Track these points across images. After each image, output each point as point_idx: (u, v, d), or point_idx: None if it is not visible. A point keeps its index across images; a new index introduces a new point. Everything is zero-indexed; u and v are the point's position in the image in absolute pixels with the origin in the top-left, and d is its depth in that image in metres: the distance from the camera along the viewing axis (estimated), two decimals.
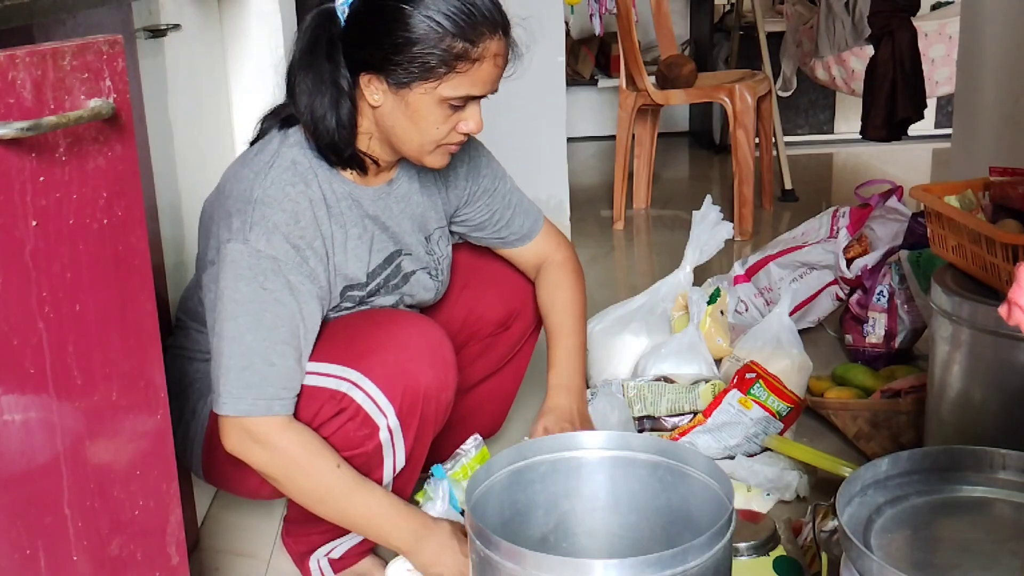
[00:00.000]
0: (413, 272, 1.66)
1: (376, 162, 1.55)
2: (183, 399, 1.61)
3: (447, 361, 1.52)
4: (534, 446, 1.41)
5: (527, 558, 1.17)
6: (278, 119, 1.55)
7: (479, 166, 1.75)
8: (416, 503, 1.64)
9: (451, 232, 1.79)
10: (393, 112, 1.47)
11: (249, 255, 1.42)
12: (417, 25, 1.42)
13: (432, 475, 1.67)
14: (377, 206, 1.58)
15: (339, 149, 1.50)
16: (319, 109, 1.47)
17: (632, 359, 2.25)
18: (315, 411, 1.47)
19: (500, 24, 1.47)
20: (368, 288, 1.59)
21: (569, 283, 1.83)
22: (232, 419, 1.43)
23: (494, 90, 1.50)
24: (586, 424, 1.77)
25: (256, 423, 1.43)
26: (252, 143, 1.58)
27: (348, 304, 1.58)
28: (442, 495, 1.63)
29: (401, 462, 1.52)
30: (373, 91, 1.46)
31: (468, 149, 1.72)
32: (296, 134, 1.52)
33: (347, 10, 1.45)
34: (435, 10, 1.42)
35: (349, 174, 1.55)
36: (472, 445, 1.70)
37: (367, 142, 1.52)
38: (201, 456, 1.61)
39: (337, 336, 1.51)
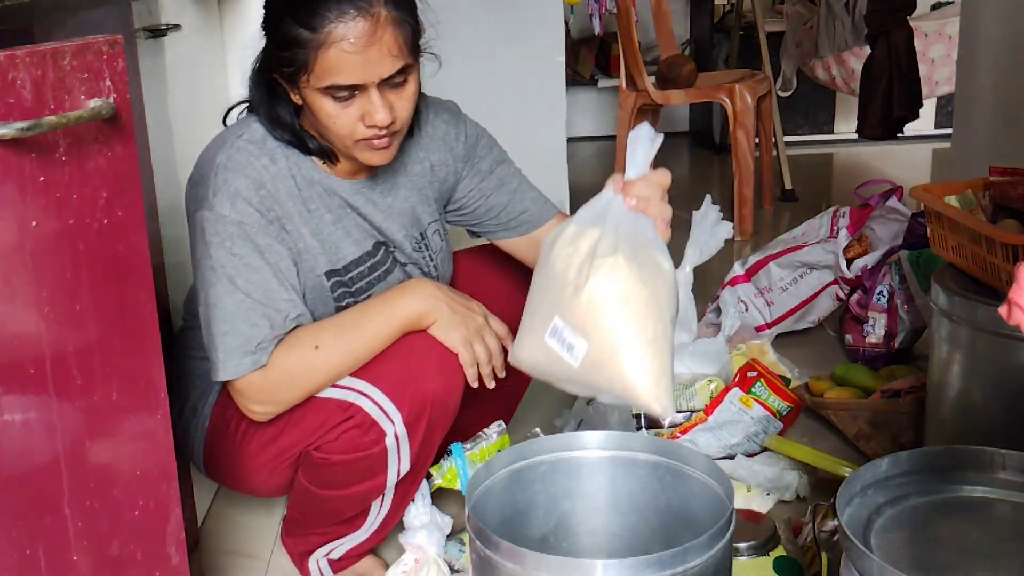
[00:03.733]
0: (405, 264, 1.66)
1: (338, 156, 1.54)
2: (184, 397, 1.61)
3: (454, 367, 1.51)
4: (534, 446, 1.41)
5: (527, 558, 1.17)
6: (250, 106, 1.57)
7: (476, 147, 1.70)
8: (430, 475, 1.66)
9: (456, 222, 1.78)
10: (307, 110, 1.46)
11: (215, 221, 1.43)
12: (271, 18, 1.43)
13: (450, 451, 1.67)
14: (357, 199, 1.58)
15: (301, 145, 1.51)
16: (268, 113, 1.50)
17: None
18: (322, 420, 1.48)
19: (356, 6, 1.37)
20: (350, 275, 1.58)
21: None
22: (232, 383, 1.46)
23: (379, 76, 1.40)
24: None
25: (245, 383, 1.45)
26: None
27: (341, 296, 1.57)
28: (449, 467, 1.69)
29: (406, 467, 1.52)
30: (288, 91, 1.47)
31: (465, 130, 1.69)
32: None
33: None
34: (283, 1, 1.40)
35: (324, 164, 1.54)
36: (495, 430, 1.72)
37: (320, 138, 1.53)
38: (203, 453, 1.61)
39: None
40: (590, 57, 5.10)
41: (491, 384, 1.55)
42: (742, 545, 1.53)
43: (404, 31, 1.41)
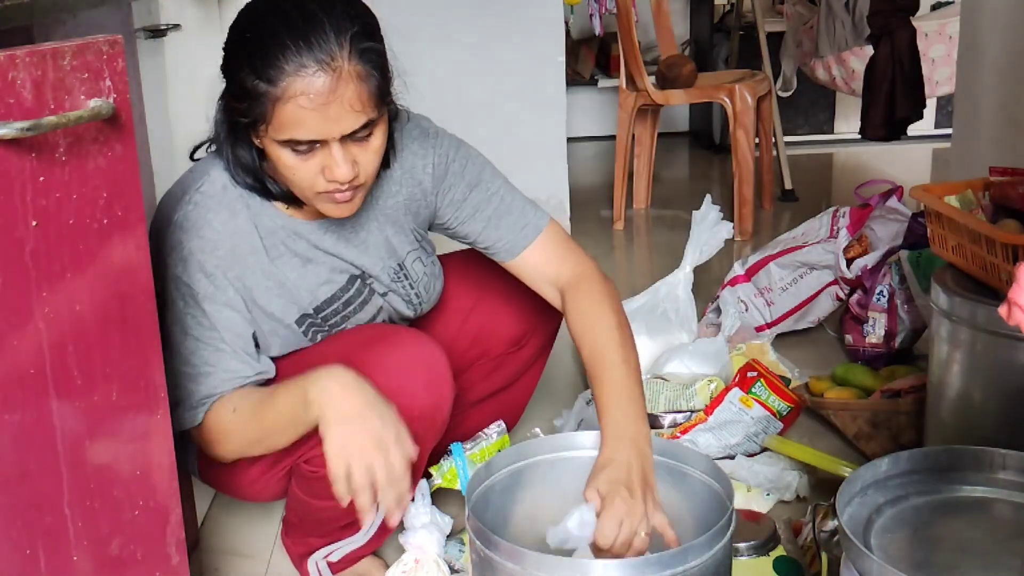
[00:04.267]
0: (384, 294, 1.63)
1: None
2: None
3: (443, 379, 1.50)
4: (534, 446, 1.41)
5: (527, 558, 1.17)
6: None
7: (446, 175, 1.60)
8: (429, 475, 1.67)
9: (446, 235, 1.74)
10: (268, 157, 1.39)
11: (169, 280, 1.42)
12: (229, 66, 1.35)
13: (450, 451, 1.67)
14: (325, 239, 1.52)
15: (263, 190, 1.46)
16: (230, 155, 1.44)
17: None
18: (309, 433, 1.47)
19: (316, 59, 1.28)
20: (322, 315, 1.56)
21: (594, 306, 1.54)
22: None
23: (341, 132, 1.32)
24: (648, 488, 1.36)
25: (191, 433, 1.47)
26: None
27: (314, 335, 1.56)
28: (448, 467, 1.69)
29: None
30: (248, 134, 1.39)
31: (434, 159, 1.58)
32: (221, 167, 1.47)
33: None
34: (241, 48, 1.33)
35: (288, 208, 1.49)
36: (495, 430, 1.73)
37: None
38: (197, 459, 1.61)
39: (333, 355, 1.48)
40: (590, 57, 5.10)
41: (392, 522, 1.38)
42: (742, 545, 1.53)
43: (369, 85, 1.32)
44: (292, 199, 1.46)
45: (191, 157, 1.54)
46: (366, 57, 1.31)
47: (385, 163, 1.48)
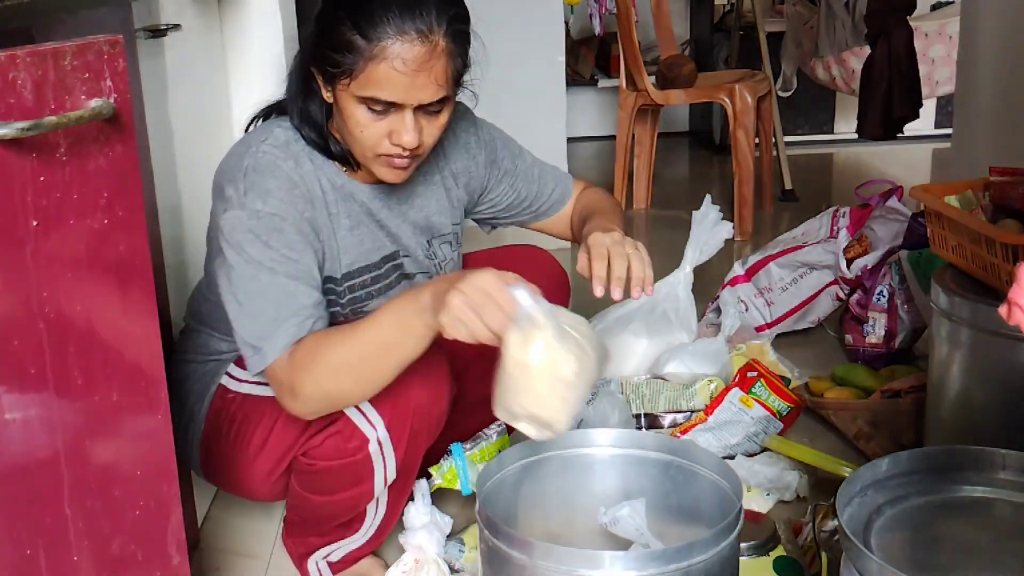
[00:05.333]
0: (413, 275, 1.65)
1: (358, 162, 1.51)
2: (181, 401, 1.61)
3: (440, 375, 1.50)
4: (546, 442, 1.41)
5: (536, 548, 1.17)
6: (272, 112, 1.56)
7: (495, 149, 1.73)
8: (429, 475, 1.66)
9: (486, 219, 1.81)
10: (337, 112, 1.45)
11: (248, 217, 1.41)
12: (327, 15, 1.41)
13: (450, 451, 1.68)
14: (375, 204, 1.57)
15: (325, 147, 1.50)
16: (300, 108, 1.49)
17: (632, 359, 2.25)
18: (306, 423, 1.47)
19: (417, 28, 1.36)
20: (348, 284, 1.56)
21: (596, 193, 1.81)
22: (274, 371, 1.39)
23: (419, 101, 1.39)
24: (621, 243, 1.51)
25: (286, 366, 1.38)
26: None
27: (333, 303, 1.55)
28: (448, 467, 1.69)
29: (392, 474, 1.51)
30: (321, 87, 1.45)
31: (482, 135, 1.71)
32: (287, 123, 1.52)
33: None
34: (346, 1, 1.39)
35: (345, 169, 1.53)
36: (495, 430, 1.73)
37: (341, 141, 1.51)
38: (199, 457, 1.61)
39: None
40: (590, 57, 5.10)
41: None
42: (742, 545, 1.53)
43: (454, 64, 1.41)
44: (349, 160, 1.51)
45: (246, 129, 1.58)
46: (458, 39, 1.41)
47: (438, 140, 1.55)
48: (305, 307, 1.41)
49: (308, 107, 1.49)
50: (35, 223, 0.92)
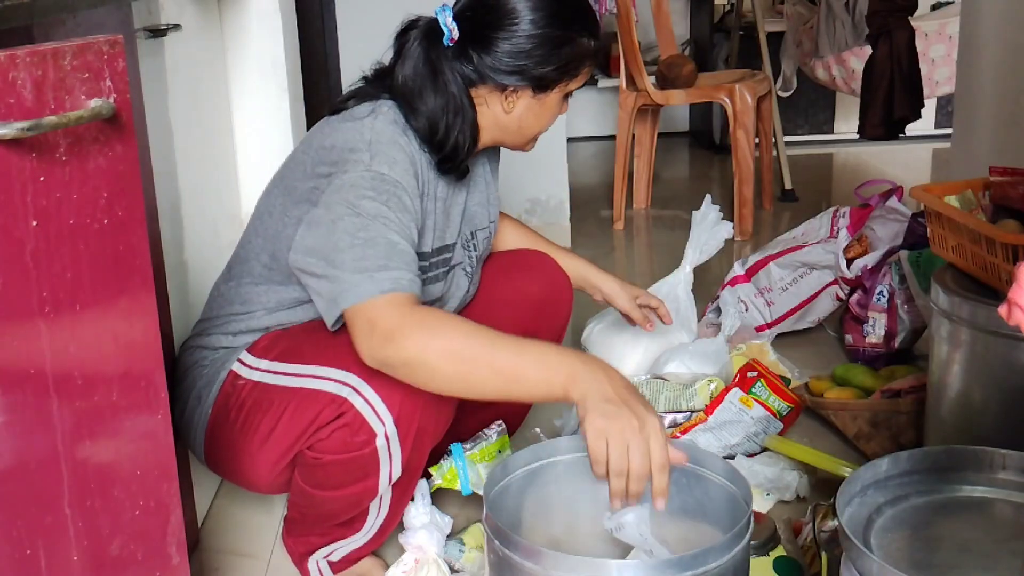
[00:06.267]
0: (456, 266, 1.71)
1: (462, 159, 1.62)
2: (190, 385, 1.61)
3: None
4: (551, 447, 1.41)
5: (546, 557, 1.17)
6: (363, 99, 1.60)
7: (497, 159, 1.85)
8: (429, 475, 1.66)
9: None
10: (525, 113, 1.60)
11: (372, 178, 1.45)
12: (559, 36, 1.55)
13: (450, 451, 1.68)
14: (445, 192, 1.65)
15: (429, 135, 1.56)
16: (446, 126, 1.56)
17: (632, 359, 2.25)
18: (315, 414, 1.47)
19: None
20: (423, 265, 1.58)
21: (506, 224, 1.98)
22: (358, 308, 1.37)
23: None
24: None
25: (371, 307, 1.36)
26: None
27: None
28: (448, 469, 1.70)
29: (398, 471, 1.51)
30: (512, 102, 1.58)
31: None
32: (390, 103, 1.57)
33: (455, 27, 1.54)
34: (569, 9, 1.56)
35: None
36: (495, 431, 1.73)
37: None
38: (203, 443, 1.61)
39: (341, 340, 1.50)
40: None
41: (658, 506, 1.28)
42: None
43: None
44: (442, 150, 1.58)
45: (338, 107, 1.62)
46: None
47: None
48: (411, 264, 1.43)
49: (467, 130, 1.57)
50: (35, 223, 0.92)
